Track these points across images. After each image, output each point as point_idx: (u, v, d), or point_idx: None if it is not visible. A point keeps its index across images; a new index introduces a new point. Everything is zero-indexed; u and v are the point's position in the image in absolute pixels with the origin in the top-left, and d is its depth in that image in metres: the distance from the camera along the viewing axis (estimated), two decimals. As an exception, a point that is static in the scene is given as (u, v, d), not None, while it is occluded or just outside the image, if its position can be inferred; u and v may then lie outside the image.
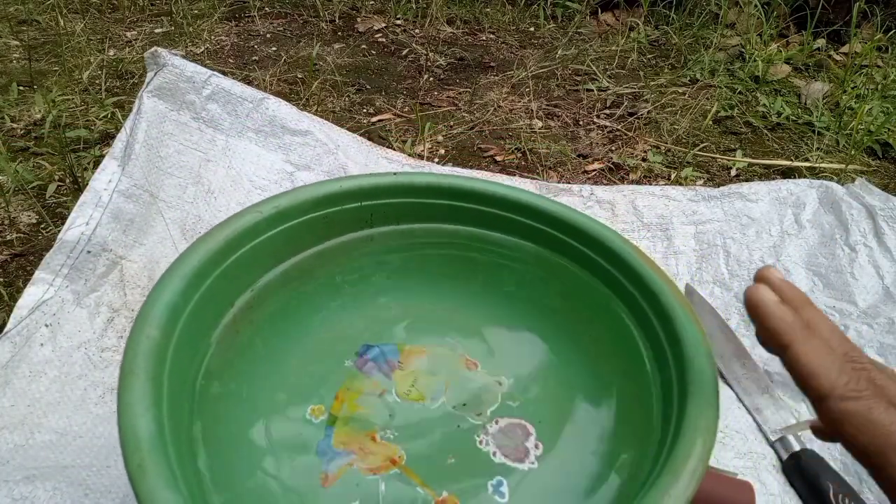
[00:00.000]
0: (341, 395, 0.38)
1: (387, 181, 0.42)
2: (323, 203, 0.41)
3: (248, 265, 0.38)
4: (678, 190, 0.70)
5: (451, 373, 0.40)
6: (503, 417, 0.38)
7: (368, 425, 0.37)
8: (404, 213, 0.44)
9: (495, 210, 0.43)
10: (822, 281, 0.61)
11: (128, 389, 0.28)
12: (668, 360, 0.34)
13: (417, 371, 0.40)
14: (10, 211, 0.66)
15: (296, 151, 0.67)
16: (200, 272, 0.34)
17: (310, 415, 0.37)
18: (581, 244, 0.41)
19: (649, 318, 0.37)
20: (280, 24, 1.16)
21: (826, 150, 0.87)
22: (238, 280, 0.38)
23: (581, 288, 0.42)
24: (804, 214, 0.66)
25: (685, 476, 0.26)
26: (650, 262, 0.38)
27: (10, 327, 0.48)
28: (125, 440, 0.26)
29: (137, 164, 0.58)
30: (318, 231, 0.42)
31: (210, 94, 0.64)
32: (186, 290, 0.33)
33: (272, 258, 0.40)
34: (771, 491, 0.45)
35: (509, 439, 0.37)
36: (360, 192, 0.42)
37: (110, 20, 1.13)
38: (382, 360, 0.41)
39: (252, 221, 0.38)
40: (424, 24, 1.19)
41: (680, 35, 1.17)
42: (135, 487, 0.25)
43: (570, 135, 0.89)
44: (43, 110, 0.82)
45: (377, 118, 0.89)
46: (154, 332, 0.30)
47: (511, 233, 0.44)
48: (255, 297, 0.39)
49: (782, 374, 0.54)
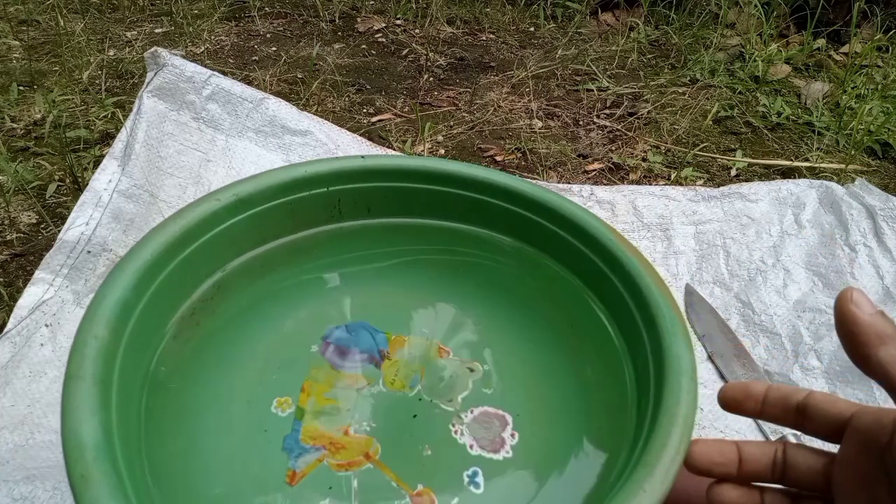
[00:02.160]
0: (307, 387, 0.37)
1: (354, 164, 0.40)
2: (287, 189, 0.39)
3: (207, 256, 0.36)
4: (678, 190, 0.70)
5: (424, 360, 0.39)
6: (478, 406, 0.37)
7: (342, 419, 0.35)
8: (374, 201, 0.42)
9: (467, 193, 0.41)
10: (822, 281, 0.61)
11: (71, 395, 0.26)
12: (645, 346, 0.33)
13: (400, 361, 0.39)
14: (10, 211, 0.66)
15: (296, 151, 0.67)
16: (155, 264, 0.33)
17: (276, 407, 0.36)
18: (556, 226, 0.39)
19: (625, 304, 0.35)
20: (280, 24, 1.16)
21: (826, 150, 0.87)
22: (197, 271, 0.36)
23: (557, 278, 0.40)
24: (804, 214, 0.66)
25: (661, 469, 0.26)
26: (627, 244, 0.37)
27: (10, 327, 0.48)
28: (68, 449, 0.24)
29: (137, 164, 0.58)
30: (283, 220, 0.40)
31: (210, 94, 0.64)
32: (138, 284, 0.31)
33: (235, 248, 0.38)
34: (771, 491, 0.45)
35: (485, 429, 0.36)
36: (327, 177, 0.40)
37: (110, 20, 1.13)
38: (376, 350, 0.39)
39: (210, 210, 0.36)
40: (424, 24, 1.19)
41: (680, 35, 1.17)
42: (77, 498, 0.23)
43: (570, 135, 0.89)
44: (43, 110, 0.82)
45: (377, 118, 0.89)
46: (102, 332, 0.29)
47: (487, 226, 0.42)
48: (217, 287, 0.37)
49: (782, 374, 0.54)
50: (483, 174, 0.41)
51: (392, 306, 0.42)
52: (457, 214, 0.43)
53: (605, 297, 0.38)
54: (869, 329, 0.25)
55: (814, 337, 0.56)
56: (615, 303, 0.37)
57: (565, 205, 0.40)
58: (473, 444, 0.35)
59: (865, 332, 0.25)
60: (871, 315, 0.25)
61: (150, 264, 0.32)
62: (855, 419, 0.25)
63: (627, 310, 0.35)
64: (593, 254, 0.38)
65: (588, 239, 0.38)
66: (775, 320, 0.58)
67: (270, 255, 0.40)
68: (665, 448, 0.26)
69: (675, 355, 0.30)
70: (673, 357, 0.30)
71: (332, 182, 0.40)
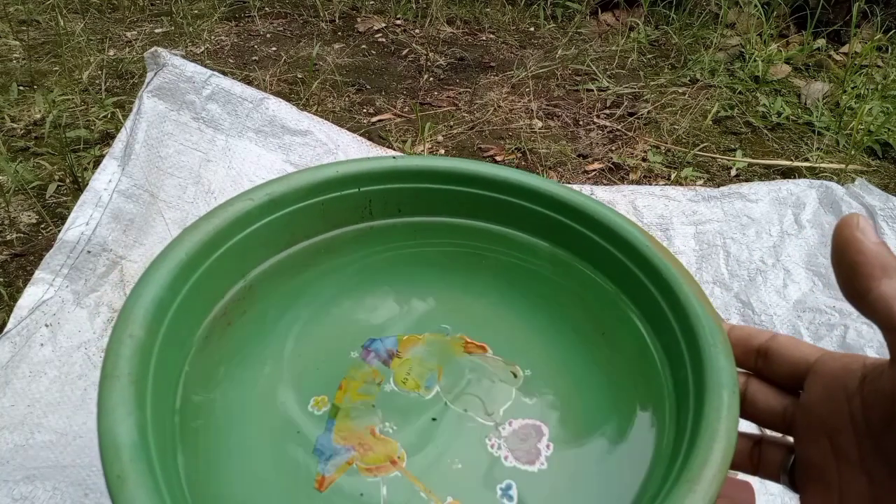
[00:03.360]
0: (345, 385, 0.36)
1: (386, 165, 0.41)
2: (319, 189, 0.39)
3: (240, 255, 0.37)
4: (678, 190, 0.70)
5: (443, 359, 0.38)
6: (518, 419, 0.35)
7: (368, 418, 0.35)
8: (404, 201, 0.42)
9: (496, 195, 0.41)
10: (822, 281, 0.61)
11: (107, 394, 0.26)
12: (684, 358, 0.32)
13: (412, 359, 0.38)
14: (10, 211, 0.66)
15: (296, 151, 0.67)
16: (189, 264, 0.33)
17: (312, 406, 0.35)
18: (590, 231, 0.39)
19: (662, 313, 0.35)
20: (280, 24, 1.16)
21: (826, 150, 0.87)
22: (230, 271, 0.37)
23: (592, 284, 0.40)
24: (804, 214, 0.66)
25: (703, 485, 0.25)
26: (666, 252, 0.36)
27: (10, 327, 0.48)
28: (105, 449, 0.25)
29: (137, 164, 0.58)
30: (314, 220, 0.40)
31: (210, 94, 0.64)
32: (174, 283, 0.32)
33: (266, 248, 0.38)
34: (771, 491, 0.45)
35: (522, 441, 0.34)
36: (359, 178, 0.40)
37: (110, 20, 1.13)
38: (383, 350, 0.39)
39: (243, 210, 0.36)
40: (424, 24, 1.19)
41: (680, 35, 1.17)
42: (114, 499, 0.23)
43: (570, 135, 0.89)
44: (43, 110, 0.82)
45: (377, 118, 0.89)
46: (138, 332, 0.29)
47: (521, 228, 0.42)
48: (248, 287, 0.38)
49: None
50: (517, 177, 0.41)
51: (424, 308, 0.42)
52: (487, 215, 0.43)
53: (642, 305, 0.37)
54: (874, 259, 0.22)
55: (814, 337, 0.56)
56: (652, 312, 0.36)
57: (598, 208, 0.39)
58: (508, 456, 0.34)
59: (870, 263, 0.22)
60: (876, 244, 0.22)
61: (184, 264, 0.32)
62: (819, 363, 0.25)
63: (665, 319, 0.34)
64: (629, 260, 0.37)
65: (622, 244, 0.38)
66: (775, 320, 0.58)
67: (301, 254, 0.40)
68: (707, 464, 0.26)
69: (716, 368, 0.29)
70: (714, 370, 0.29)
71: (364, 182, 0.41)
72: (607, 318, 0.39)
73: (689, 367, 0.31)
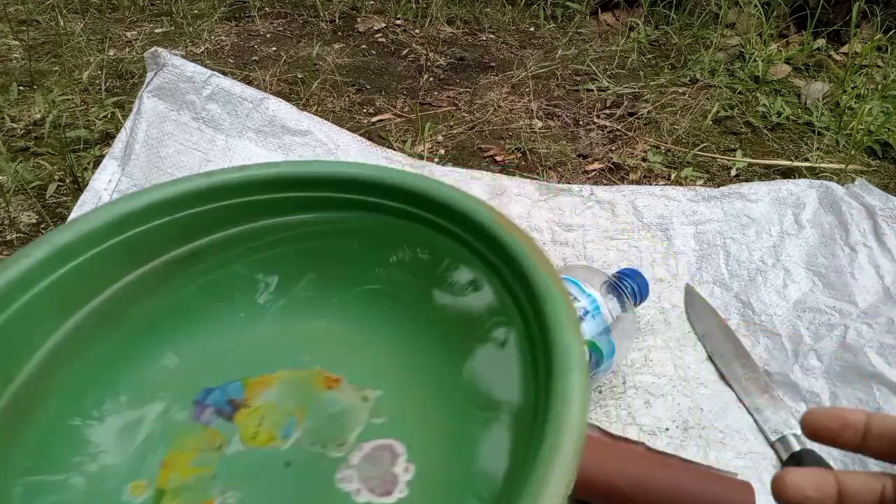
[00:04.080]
0: (170, 461, 0.30)
1: (200, 184, 0.36)
2: (123, 224, 0.33)
3: (23, 327, 0.30)
4: (678, 190, 0.70)
5: (305, 398, 0.33)
6: (368, 441, 0.31)
7: (203, 493, 0.29)
8: (221, 220, 0.36)
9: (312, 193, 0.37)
10: (822, 281, 0.61)
11: None
12: (536, 342, 0.28)
13: (265, 406, 0.32)
14: (10, 211, 0.66)
15: (296, 151, 0.67)
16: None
17: (130, 494, 0.28)
18: (426, 211, 0.34)
19: (515, 296, 0.31)
20: (280, 24, 1.16)
21: (826, 150, 0.87)
22: (15, 347, 0.30)
23: (443, 273, 0.35)
24: (804, 214, 0.66)
25: (547, 496, 0.21)
26: (506, 220, 0.31)
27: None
28: None
29: (137, 164, 0.58)
30: (121, 260, 0.33)
31: (210, 94, 0.64)
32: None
33: (59, 310, 0.31)
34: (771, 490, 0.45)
35: (375, 467, 0.30)
36: (169, 204, 0.34)
37: (110, 20, 1.13)
38: (224, 402, 0.32)
39: (19, 272, 0.29)
40: (424, 24, 1.19)
41: (680, 35, 1.17)
42: None
43: (570, 135, 0.89)
44: (43, 110, 0.82)
45: (377, 118, 0.90)
46: None
47: (337, 211, 0.37)
48: (44, 360, 0.30)
49: (782, 374, 0.54)
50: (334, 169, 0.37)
51: (268, 340, 0.35)
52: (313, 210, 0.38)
53: (497, 287, 0.33)
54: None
55: (814, 337, 0.56)
56: (503, 292, 0.32)
57: (431, 186, 0.34)
58: (361, 490, 0.29)
59: None
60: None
61: None
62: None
63: (517, 301, 0.30)
64: (474, 238, 0.33)
65: (462, 220, 0.33)
66: (775, 320, 0.58)
67: (109, 305, 0.34)
68: (552, 466, 0.22)
69: (563, 346, 0.25)
70: (561, 349, 0.25)
71: (177, 209, 0.36)
72: (457, 312, 0.34)
73: (543, 351, 0.27)
